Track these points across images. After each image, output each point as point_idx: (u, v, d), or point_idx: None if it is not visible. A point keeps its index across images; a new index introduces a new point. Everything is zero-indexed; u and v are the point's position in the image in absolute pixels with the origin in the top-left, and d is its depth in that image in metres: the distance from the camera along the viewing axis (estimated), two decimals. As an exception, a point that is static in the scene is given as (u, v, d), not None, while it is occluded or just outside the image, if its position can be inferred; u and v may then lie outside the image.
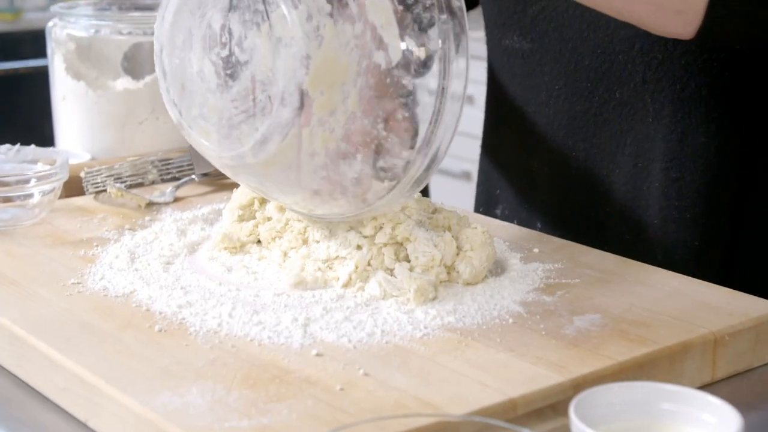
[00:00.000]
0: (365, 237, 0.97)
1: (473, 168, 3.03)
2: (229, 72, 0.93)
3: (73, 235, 1.12)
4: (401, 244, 0.97)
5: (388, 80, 0.91)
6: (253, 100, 0.92)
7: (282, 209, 1.05)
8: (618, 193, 1.17)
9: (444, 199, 2.08)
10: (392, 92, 0.91)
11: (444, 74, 0.91)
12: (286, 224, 1.04)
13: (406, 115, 0.92)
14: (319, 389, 0.78)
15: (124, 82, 1.42)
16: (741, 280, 1.07)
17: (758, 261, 1.15)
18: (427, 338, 0.86)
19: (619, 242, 1.17)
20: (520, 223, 1.27)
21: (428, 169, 0.93)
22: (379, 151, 0.93)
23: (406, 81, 0.91)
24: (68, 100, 1.42)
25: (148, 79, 1.41)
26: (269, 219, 1.07)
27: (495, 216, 1.33)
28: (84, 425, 0.81)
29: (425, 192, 1.89)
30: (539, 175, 1.24)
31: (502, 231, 1.14)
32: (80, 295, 0.95)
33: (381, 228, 0.97)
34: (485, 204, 1.35)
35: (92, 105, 1.41)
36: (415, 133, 0.92)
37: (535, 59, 1.21)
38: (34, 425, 0.83)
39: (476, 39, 1.30)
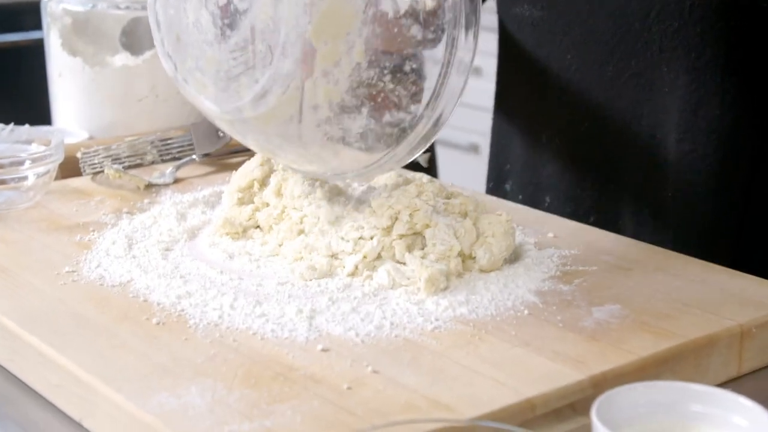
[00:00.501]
0: (378, 228, 0.92)
1: (481, 140, 2.98)
2: (227, 21, 0.88)
3: (68, 220, 1.07)
4: (419, 233, 0.93)
5: (395, 30, 0.86)
6: (253, 51, 0.88)
7: (279, 194, 1.01)
8: (633, 168, 1.12)
9: (452, 173, 2.04)
10: (400, 43, 0.87)
11: (455, 23, 0.87)
12: (283, 211, 1.00)
13: (414, 66, 0.88)
14: (325, 388, 0.73)
15: (122, 58, 1.37)
16: (750, 261, 1.03)
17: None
18: (438, 331, 0.82)
19: (633, 219, 1.13)
20: (528, 198, 1.23)
21: (436, 124, 0.89)
22: (385, 104, 0.89)
23: (415, 31, 0.86)
24: (65, 77, 1.37)
25: (147, 55, 1.36)
26: (267, 205, 1.02)
27: (505, 191, 1.29)
28: (78, 425, 0.77)
29: (433, 167, 1.85)
30: (549, 149, 1.20)
31: (515, 213, 1.09)
32: (75, 285, 0.91)
33: (397, 218, 0.92)
34: (496, 179, 1.30)
35: (89, 82, 1.36)
36: (421, 89, 0.89)
37: (545, 28, 1.16)
38: (26, 423, 0.79)
39: (486, 9, 1.25)
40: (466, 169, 2.79)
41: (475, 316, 0.85)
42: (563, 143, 1.18)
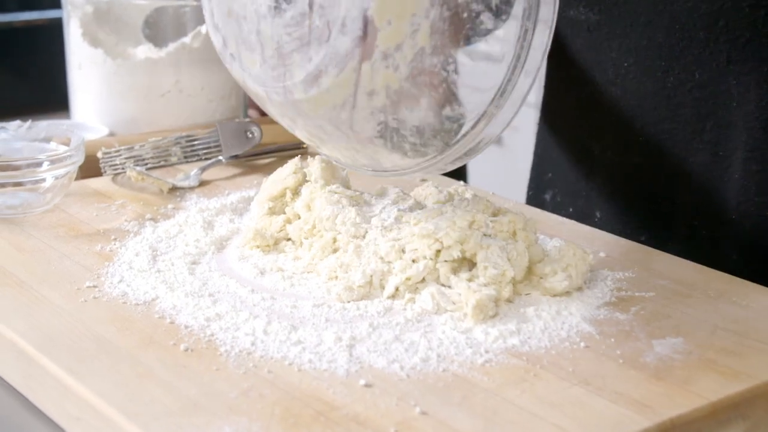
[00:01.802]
0: (425, 257, 0.86)
1: (504, 133, 2.91)
2: None
3: (88, 226, 1.01)
4: (470, 260, 0.86)
5: (465, 15, 0.80)
6: (309, 26, 0.81)
7: (309, 208, 0.95)
8: (692, 185, 1.06)
9: (475, 166, 1.96)
10: (468, 29, 0.80)
11: (528, 14, 0.80)
12: (314, 227, 0.93)
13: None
14: (371, 431, 0.67)
15: (145, 50, 1.31)
16: None
17: None
18: (489, 366, 0.76)
19: (690, 239, 1.07)
20: (576, 212, 1.17)
21: (496, 125, 0.83)
22: (447, 97, 0.83)
23: (486, 17, 0.80)
24: (85, 69, 1.31)
25: (171, 47, 1.30)
26: (298, 217, 0.96)
27: (544, 201, 1.22)
28: (100, 461, 0.71)
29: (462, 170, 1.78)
30: (601, 161, 1.13)
31: (562, 229, 1.03)
32: (96, 302, 0.85)
33: (441, 248, 0.86)
34: (536, 188, 1.24)
35: (111, 74, 1.30)
36: None
37: (602, 33, 1.09)
38: (43, 457, 0.73)
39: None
40: (489, 161, 2.73)
41: (528, 348, 0.78)
42: (616, 155, 1.11)
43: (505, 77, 0.81)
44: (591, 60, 1.11)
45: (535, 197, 1.23)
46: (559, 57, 1.16)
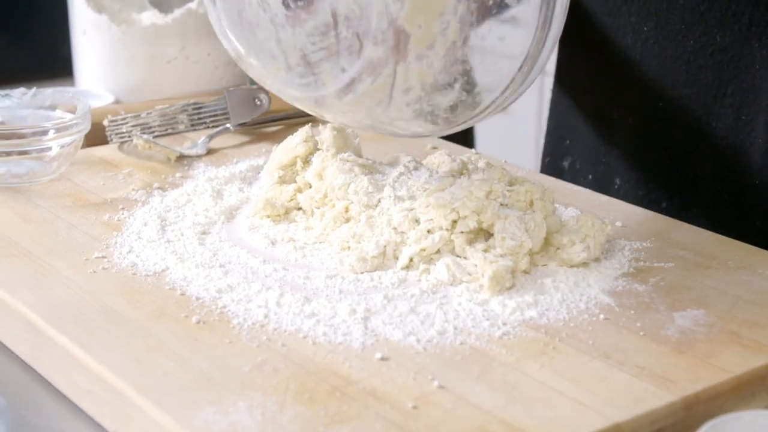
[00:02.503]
0: (441, 228, 0.84)
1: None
2: (301, 3, 0.80)
3: (95, 195, 1.00)
4: (486, 230, 0.85)
5: (491, 1, 0.78)
6: (336, 36, 0.81)
7: (321, 177, 0.93)
8: (714, 150, 1.03)
9: (481, 133, 1.94)
10: (495, 14, 0.79)
11: None
12: (326, 195, 0.92)
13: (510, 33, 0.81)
14: (388, 407, 0.66)
15: (150, 16, 1.28)
16: None
17: None
18: (507, 339, 0.74)
19: (712, 205, 1.05)
20: (596, 178, 1.15)
21: (524, 81, 0.83)
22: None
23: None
24: (89, 35, 1.29)
25: (177, 13, 1.28)
26: (309, 186, 0.94)
27: (562, 168, 1.20)
28: (111, 436, 0.70)
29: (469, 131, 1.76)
30: (621, 126, 1.11)
31: (579, 198, 1.01)
32: (105, 273, 0.83)
33: (458, 218, 0.84)
34: (552, 154, 1.22)
35: (115, 41, 1.27)
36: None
37: None
38: (52, 431, 0.71)
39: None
40: (496, 128, 2.70)
41: (546, 320, 0.77)
42: (637, 121, 1.09)
43: (530, 45, 0.79)
44: (609, 24, 1.09)
45: (552, 165, 1.21)
46: (575, 22, 1.14)
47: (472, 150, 1.15)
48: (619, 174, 1.12)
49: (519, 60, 0.81)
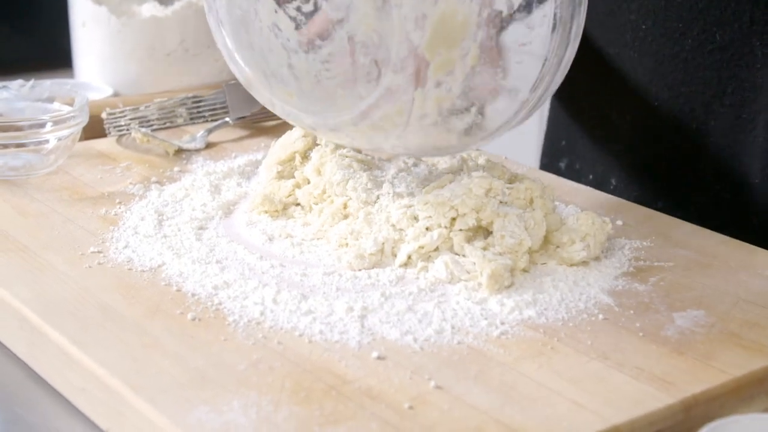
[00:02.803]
0: (440, 226, 0.84)
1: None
2: (315, 30, 0.80)
3: (93, 189, 0.99)
4: (485, 228, 0.84)
5: (509, 27, 0.78)
6: (353, 63, 0.80)
7: (320, 173, 0.92)
8: (713, 148, 1.03)
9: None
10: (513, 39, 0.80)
11: (558, 4, 0.79)
12: (324, 191, 0.91)
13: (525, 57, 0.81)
14: (384, 406, 0.65)
15: (150, 8, 1.27)
16: None
17: None
18: (505, 338, 0.74)
19: (711, 205, 1.04)
20: (595, 178, 1.14)
21: (537, 104, 0.83)
22: (494, 96, 0.83)
23: (527, 22, 0.78)
24: (88, 27, 1.28)
25: (177, 5, 1.27)
26: (308, 181, 0.94)
27: (559, 169, 1.20)
28: (105, 434, 0.69)
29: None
30: (619, 126, 1.10)
31: (577, 196, 1.01)
32: (101, 268, 0.83)
33: (457, 216, 0.83)
34: (551, 155, 1.21)
35: (115, 33, 1.26)
36: None
37: None
38: (47, 429, 0.71)
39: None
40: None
41: (545, 319, 0.76)
42: (635, 120, 1.08)
43: (544, 63, 0.79)
44: (607, 22, 1.08)
45: (549, 165, 1.20)
46: None
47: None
48: (615, 174, 1.11)
49: (532, 83, 0.80)
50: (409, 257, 0.84)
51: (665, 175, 1.07)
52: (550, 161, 1.20)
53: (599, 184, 1.12)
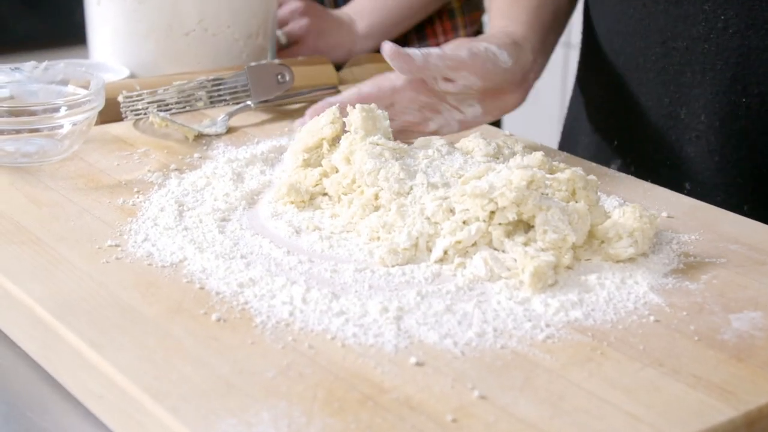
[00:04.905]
0: (478, 219, 0.79)
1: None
2: None
3: (109, 176, 0.94)
4: (526, 222, 0.79)
5: None
6: None
7: (349, 161, 0.87)
8: None
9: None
10: None
11: None
12: (354, 181, 0.86)
13: None
14: (425, 418, 0.60)
15: (168, -14, 1.22)
16: None
17: None
18: (551, 342, 0.69)
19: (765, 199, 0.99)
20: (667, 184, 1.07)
21: None
22: None
23: None
24: (104, 5, 1.23)
25: (195, -18, 1.22)
26: (336, 170, 0.89)
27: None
28: (124, 444, 0.65)
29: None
30: (690, 127, 1.03)
31: (620, 185, 0.95)
32: (119, 264, 0.78)
33: (496, 209, 0.78)
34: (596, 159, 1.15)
35: (131, 11, 1.21)
36: None
37: None
38: (62, 437, 0.67)
39: None
40: (520, 109, 2.64)
41: (593, 321, 0.71)
42: (711, 120, 1.01)
43: None
44: (674, 12, 1.01)
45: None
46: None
47: (506, 132, 1.09)
48: (689, 179, 1.04)
49: None
50: (446, 252, 0.79)
51: (747, 183, 1.00)
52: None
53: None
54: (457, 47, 0.94)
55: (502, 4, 1.07)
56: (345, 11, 1.45)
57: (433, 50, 0.93)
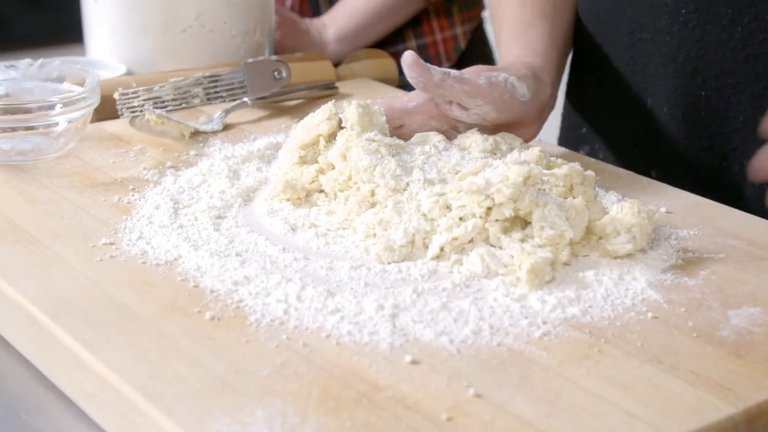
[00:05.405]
0: (474, 216, 0.78)
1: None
2: None
3: (104, 174, 0.94)
4: (523, 218, 0.79)
5: None
6: None
7: (345, 158, 0.86)
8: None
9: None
10: None
11: None
12: (350, 178, 0.85)
13: None
14: (420, 417, 0.60)
15: (164, -18, 1.22)
16: None
17: None
18: (548, 339, 0.68)
19: (759, 203, 0.98)
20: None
21: None
22: None
23: None
24: (100, 3, 1.22)
25: (192, -21, 1.21)
26: (332, 167, 0.88)
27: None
28: (118, 444, 0.64)
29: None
30: (655, 117, 1.04)
31: (618, 181, 0.95)
32: (113, 262, 0.77)
33: (493, 205, 0.78)
34: (565, 144, 1.15)
35: (128, 8, 1.21)
36: None
37: None
38: (56, 437, 0.66)
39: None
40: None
41: (590, 318, 0.71)
42: (673, 112, 1.02)
43: None
44: (640, 4, 1.01)
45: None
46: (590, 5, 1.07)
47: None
48: (653, 167, 1.05)
49: None
50: (442, 249, 0.78)
51: (707, 171, 1.01)
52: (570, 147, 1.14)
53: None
54: (476, 74, 0.91)
55: (515, 29, 1.03)
56: (321, 18, 1.45)
57: (453, 72, 0.90)
